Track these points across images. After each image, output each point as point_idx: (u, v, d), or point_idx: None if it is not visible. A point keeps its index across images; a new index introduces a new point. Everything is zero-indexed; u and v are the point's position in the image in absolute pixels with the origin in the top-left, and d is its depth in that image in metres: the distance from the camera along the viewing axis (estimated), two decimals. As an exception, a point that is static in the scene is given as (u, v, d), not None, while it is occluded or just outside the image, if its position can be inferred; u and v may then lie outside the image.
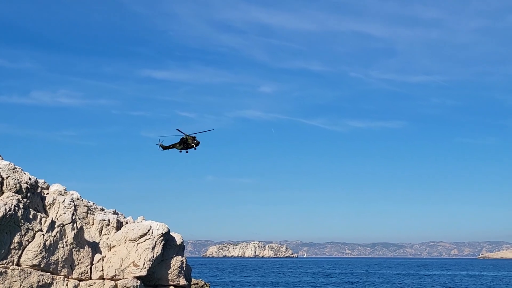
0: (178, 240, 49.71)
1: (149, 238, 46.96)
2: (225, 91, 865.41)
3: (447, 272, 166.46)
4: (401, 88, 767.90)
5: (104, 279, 45.48)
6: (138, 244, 46.73)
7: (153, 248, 46.75)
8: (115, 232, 48.47)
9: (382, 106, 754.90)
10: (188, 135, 59.76)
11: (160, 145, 61.08)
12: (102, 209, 51.11)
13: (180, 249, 50.03)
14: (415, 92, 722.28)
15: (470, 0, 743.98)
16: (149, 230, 47.21)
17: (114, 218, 49.34)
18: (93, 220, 49.17)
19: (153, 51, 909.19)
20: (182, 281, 48.99)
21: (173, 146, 61.28)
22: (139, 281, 46.07)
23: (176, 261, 48.85)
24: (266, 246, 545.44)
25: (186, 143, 60.70)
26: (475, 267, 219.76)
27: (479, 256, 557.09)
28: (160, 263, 47.89)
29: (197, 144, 60.98)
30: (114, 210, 51.98)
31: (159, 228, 47.69)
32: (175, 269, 48.66)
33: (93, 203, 50.87)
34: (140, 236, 46.95)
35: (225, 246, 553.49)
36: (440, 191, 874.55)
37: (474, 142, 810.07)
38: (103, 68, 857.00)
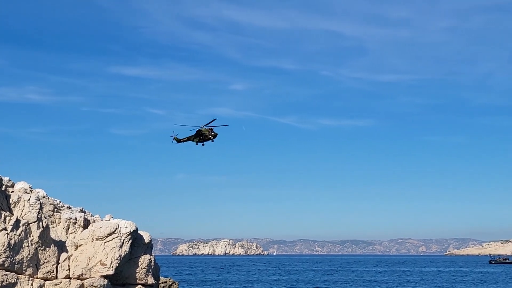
0: (146, 239, 49.33)
1: (117, 237, 46.47)
2: (196, 88, 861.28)
3: (436, 268, 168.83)
4: (371, 86, 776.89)
5: (70, 278, 44.88)
6: (105, 242, 46.21)
7: (121, 246, 46.29)
8: (82, 231, 47.84)
9: (352, 105, 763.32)
10: (204, 127, 58.37)
11: (174, 138, 59.44)
12: (69, 208, 50.38)
13: (148, 247, 49.66)
14: (385, 91, 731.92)
15: (438, 0, 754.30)
16: (116, 229, 46.72)
17: (81, 217, 48.68)
18: (60, 218, 48.43)
19: (123, 47, 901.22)
20: (150, 280, 48.64)
21: (189, 138, 59.68)
22: (106, 280, 45.59)
23: (144, 260, 48.46)
24: (237, 244, 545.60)
25: (202, 136, 59.21)
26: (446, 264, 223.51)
27: (446, 253, 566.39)
28: (127, 262, 47.45)
29: (215, 136, 59.41)
30: (81, 208, 51.27)
31: (126, 226, 47.23)
32: (143, 268, 48.27)
33: (60, 202, 50.12)
34: (108, 234, 46.44)
35: (195, 244, 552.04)
36: (409, 189, 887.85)
37: (443, 140, 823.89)
38: (72, 65, 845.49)
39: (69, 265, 45.15)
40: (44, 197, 48.08)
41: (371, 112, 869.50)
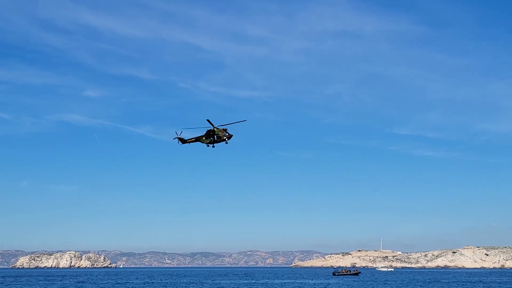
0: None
1: None
2: (46, 93, 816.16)
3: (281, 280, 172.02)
4: (227, 101, 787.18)
5: None
6: None
7: None
8: None
9: (208, 118, 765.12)
10: (217, 127, 52.91)
11: (178, 138, 53.85)
12: None
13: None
14: (241, 106, 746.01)
15: (295, 22, 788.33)
16: None
17: None
18: None
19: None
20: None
21: (197, 139, 54.13)
22: None
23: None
24: (83, 256, 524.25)
25: (214, 136, 53.77)
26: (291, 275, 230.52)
27: (292, 265, 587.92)
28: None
29: (229, 137, 53.97)
30: None
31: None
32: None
33: None
34: None
35: (37, 257, 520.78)
36: (258, 202, 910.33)
37: (293, 155, 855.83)
38: None
39: None
40: None
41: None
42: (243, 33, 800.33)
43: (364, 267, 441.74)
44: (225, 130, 53.92)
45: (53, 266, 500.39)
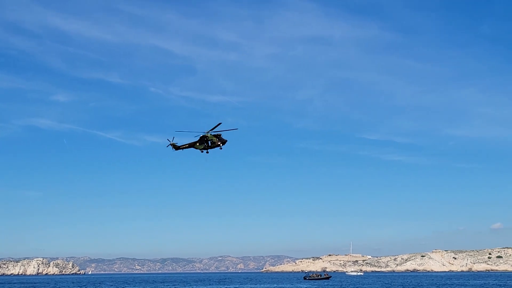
0: None
1: None
2: (14, 97, 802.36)
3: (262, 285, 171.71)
4: (199, 106, 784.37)
5: None
6: None
7: None
8: None
9: (180, 122, 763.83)
10: (210, 133, 53.04)
11: (172, 144, 53.82)
12: None
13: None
14: (212, 111, 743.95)
15: (266, 28, 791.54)
16: None
17: None
18: None
19: None
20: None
21: (190, 145, 54.14)
22: None
23: None
24: (51, 263, 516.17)
25: (208, 142, 54.03)
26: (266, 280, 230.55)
27: (263, 270, 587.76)
28: None
29: (224, 142, 54.68)
30: None
31: None
32: None
33: None
34: None
35: (3, 264, 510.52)
36: (229, 207, 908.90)
37: (264, 160, 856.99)
38: None
39: None
40: None
41: (199, 131, 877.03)
42: (214, 38, 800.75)
43: (334, 271, 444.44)
44: (219, 135, 54.50)
45: (20, 273, 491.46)
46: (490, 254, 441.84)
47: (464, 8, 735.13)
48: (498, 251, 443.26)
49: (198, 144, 54.70)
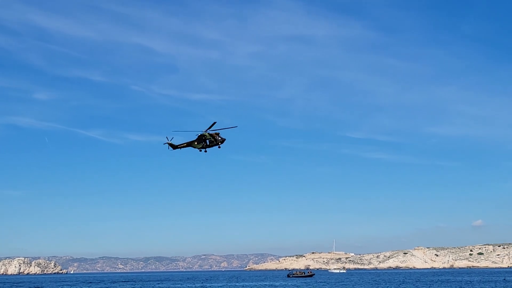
0: None
1: None
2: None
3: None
4: (181, 104, 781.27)
5: None
6: None
7: None
8: None
9: (162, 121, 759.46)
10: (208, 132, 52.27)
11: (169, 144, 53.04)
12: None
13: None
14: (195, 109, 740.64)
15: (248, 26, 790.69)
16: None
17: None
18: None
19: None
20: None
21: (188, 144, 53.40)
22: None
23: None
24: (33, 262, 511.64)
25: (206, 141, 53.23)
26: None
27: (246, 268, 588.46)
28: None
29: (222, 141, 53.85)
30: None
31: None
32: None
33: None
34: None
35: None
36: (212, 205, 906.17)
37: (246, 159, 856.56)
38: None
39: None
40: None
41: (180, 129, 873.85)
42: (196, 36, 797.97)
43: (318, 269, 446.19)
44: (217, 134, 53.82)
45: (1, 273, 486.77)
46: (471, 251, 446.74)
47: (445, 8, 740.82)
48: (479, 248, 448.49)
49: (196, 143, 54.15)
